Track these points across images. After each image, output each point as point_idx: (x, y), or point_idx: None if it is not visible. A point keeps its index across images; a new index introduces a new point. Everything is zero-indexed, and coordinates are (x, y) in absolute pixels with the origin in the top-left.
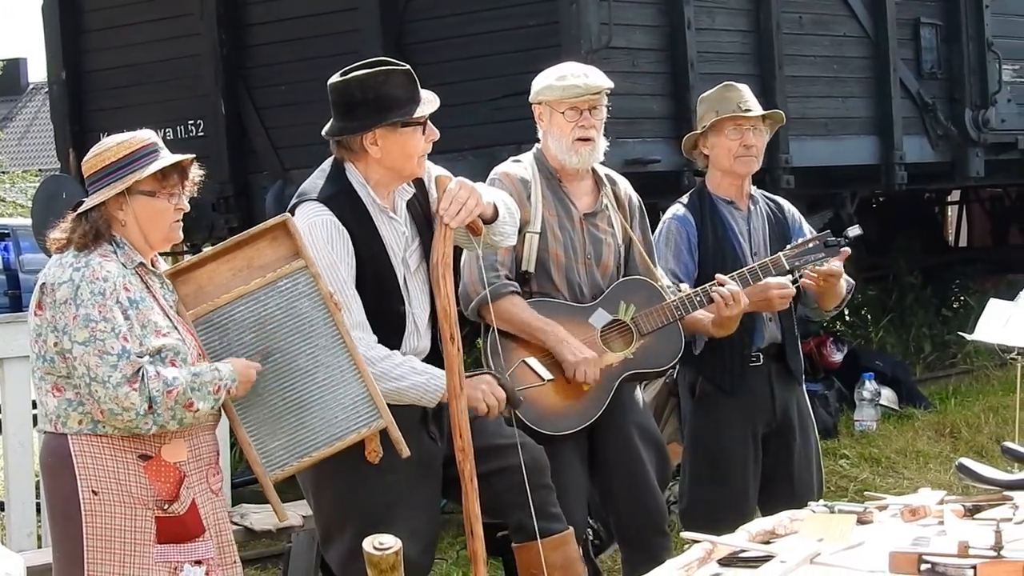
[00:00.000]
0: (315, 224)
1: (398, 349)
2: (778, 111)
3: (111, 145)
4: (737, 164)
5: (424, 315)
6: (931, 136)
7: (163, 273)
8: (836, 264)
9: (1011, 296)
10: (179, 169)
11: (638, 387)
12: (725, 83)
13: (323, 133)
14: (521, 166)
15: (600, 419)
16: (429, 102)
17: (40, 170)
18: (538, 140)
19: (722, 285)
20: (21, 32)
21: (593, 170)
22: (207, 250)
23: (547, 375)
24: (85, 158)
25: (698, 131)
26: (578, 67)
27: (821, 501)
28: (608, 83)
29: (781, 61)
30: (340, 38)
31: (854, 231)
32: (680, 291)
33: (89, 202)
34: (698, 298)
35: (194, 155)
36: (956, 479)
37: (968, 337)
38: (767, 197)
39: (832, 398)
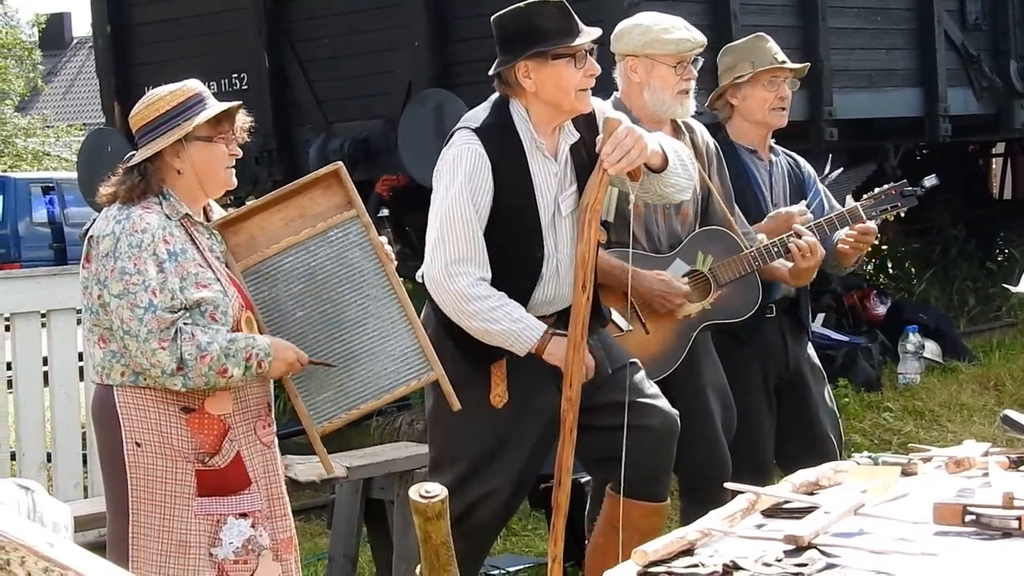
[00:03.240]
0: (461, 152)
1: (530, 292)
2: (807, 63)
3: (163, 95)
4: (772, 116)
5: (571, 260)
6: (975, 88)
7: (214, 224)
8: (872, 224)
9: None
10: (229, 115)
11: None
12: (756, 34)
13: (489, 72)
14: None
15: (675, 369)
16: (586, 34)
17: (84, 124)
18: (616, 90)
19: (799, 236)
20: None
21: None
22: (259, 199)
23: (625, 325)
24: (134, 110)
25: (734, 82)
26: (674, 19)
27: (865, 452)
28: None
29: (824, 12)
30: None
31: (930, 181)
32: (757, 240)
33: (144, 152)
34: (775, 249)
35: (241, 102)
36: (1000, 432)
37: (1013, 290)
38: (785, 152)
39: (876, 351)
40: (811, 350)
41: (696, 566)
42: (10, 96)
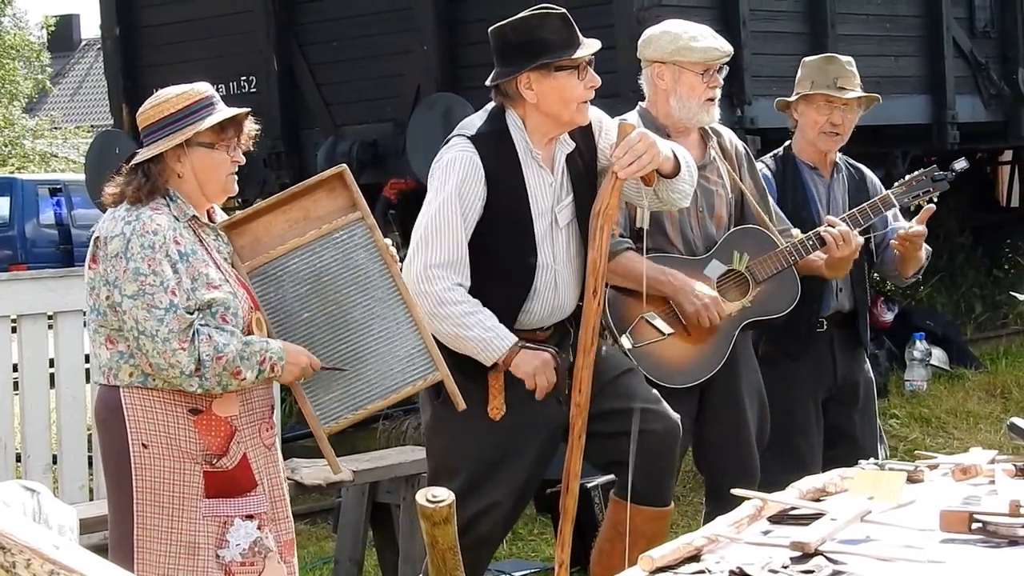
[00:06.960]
0: (455, 158)
1: (524, 301)
2: (875, 95)
3: (170, 96)
4: (820, 139)
5: (569, 273)
6: (984, 95)
7: (219, 225)
8: (920, 227)
9: None
10: (236, 122)
11: (749, 340)
12: (829, 54)
13: (486, 82)
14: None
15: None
16: (587, 46)
17: (92, 126)
18: (641, 99)
19: (832, 227)
20: None
21: None
22: (264, 201)
23: (667, 329)
24: (141, 109)
25: (790, 99)
26: (701, 28)
27: (872, 459)
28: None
29: (833, 20)
30: None
31: (960, 164)
32: (792, 236)
33: (146, 152)
34: (810, 242)
35: (250, 109)
36: (1007, 440)
37: (1020, 297)
38: (850, 164)
39: (883, 358)
40: (867, 365)
41: (702, 572)
42: (18, 97)
